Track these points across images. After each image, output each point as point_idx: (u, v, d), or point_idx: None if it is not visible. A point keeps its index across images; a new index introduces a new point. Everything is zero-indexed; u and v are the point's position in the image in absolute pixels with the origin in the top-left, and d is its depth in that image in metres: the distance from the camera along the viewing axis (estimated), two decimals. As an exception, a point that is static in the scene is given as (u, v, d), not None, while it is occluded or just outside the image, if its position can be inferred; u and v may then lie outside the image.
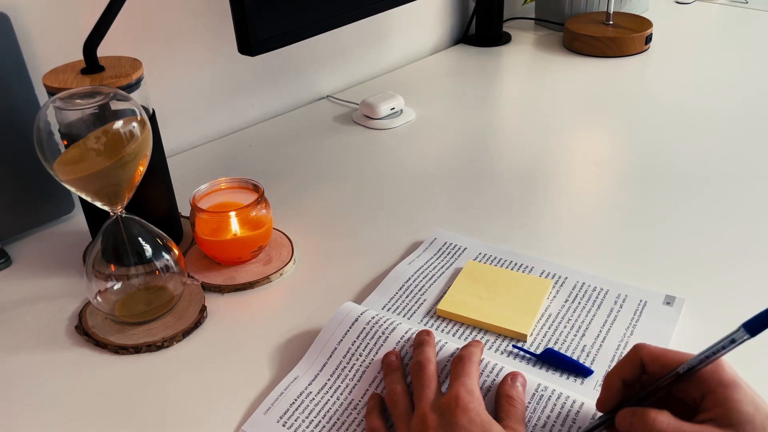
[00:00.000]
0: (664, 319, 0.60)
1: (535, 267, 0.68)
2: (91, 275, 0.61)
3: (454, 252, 0.71)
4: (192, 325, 0.63)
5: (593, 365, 0.56)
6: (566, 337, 0.59)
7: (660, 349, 0.44)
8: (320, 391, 0.55)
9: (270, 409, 0.53)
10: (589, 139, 0.96)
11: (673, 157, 0.88)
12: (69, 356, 0.61)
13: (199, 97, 0.97)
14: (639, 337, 0.59)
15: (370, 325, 0.58)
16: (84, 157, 0.55)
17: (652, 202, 0.79)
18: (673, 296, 0.63)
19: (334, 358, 0.57)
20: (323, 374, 0.56)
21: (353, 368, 0.56)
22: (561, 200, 0.81)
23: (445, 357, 0.54)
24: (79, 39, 0.63)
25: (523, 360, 0.57)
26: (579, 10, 1.34)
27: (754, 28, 1.33)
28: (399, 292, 0.66)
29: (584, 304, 0.63)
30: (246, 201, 0.69)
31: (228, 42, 0.95)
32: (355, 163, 0.91)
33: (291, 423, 0.52)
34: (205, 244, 0.69)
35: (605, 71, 1.16)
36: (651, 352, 0.44)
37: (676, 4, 1.47)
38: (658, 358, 0.43)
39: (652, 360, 0.44)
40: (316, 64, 1.09)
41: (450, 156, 0.92)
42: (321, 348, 0.58)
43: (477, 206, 0.80)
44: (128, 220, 0.61)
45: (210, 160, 0.94)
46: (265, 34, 0.76)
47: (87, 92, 0.56)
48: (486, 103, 1.07)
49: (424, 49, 1.28)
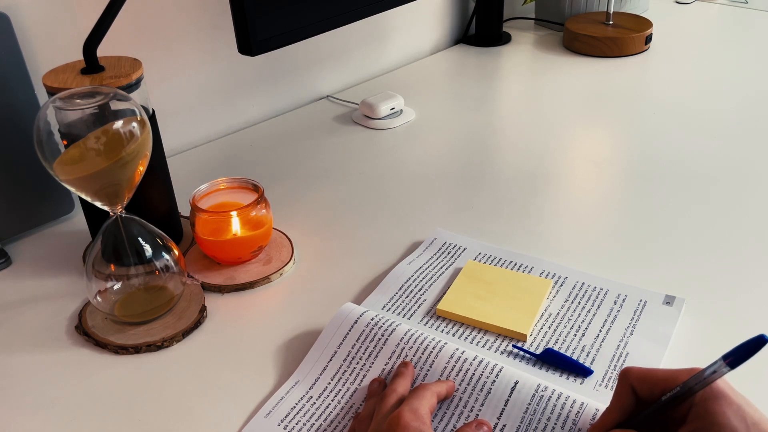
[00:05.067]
0: (664, 318, 0.60)
1: (535, 267, 0.68)
2: (91, 275, 0.61)
3: (453, 252, 0.71)
4: (192, 325, 0.63)
5: (593, 365, 0.56)
6: (566, 337, 0.59)
7: (646, 371, 0.44)
8: (321, 394, 0.55)
9: (271, 412, 0.53)
10: (589, 139, 0.96)
11: (672, 157, 0.88)
12: (69, 356, 0.61)
13: (199, 97, 0.97)
14: (639, 336, 0.59)
15: (369, 327, 0.58)
16: (84, 157, 0.55)
17: (651, 201, 0.79)
18: (673, 296, 0.63)
19: (334, 362, 0.57)
20: (324, 378, 0.56)
21: (354, 372, 0.56)
22: (561, 200, 0.81)
23: (444, 358, 0.54)
24: (79, 39, 0.63)
25: (522, 360, 0.57)
26: (579, 10, 1.34)
27: (754, 28, 1.33)
28: (399, 292, 0.66)
29: (584, 304, 0.63)
30: (246, 201, 0.69)
31: (228, 42, 0.95)
32: (355, 163, 0.91)
33: (292, 426, 0.52)
34: (205, 244, 0.69)
35: (605, 71, 1.16)
36: (637, 375, 0.44)
37: (676, 4, 1.47)
38: (644, 379, 0.43)
39: (639, 382, 0.44)
40: (316, 64, 1.09)
41: (450, 156, 0.92)
42: (321, 351, 0.58)
43: (477, 206, 0.80)
44: (128, 220, 0.61)
45: (210, 160, 0.94)
46: (265, 34, 0.76)
47: (87, 92, 0.56)
48: (486, 103, 1.07)
49: (424, 49, 1.28)
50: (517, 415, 0.49)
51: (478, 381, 0.52)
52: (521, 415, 0.49)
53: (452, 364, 0.53)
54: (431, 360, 0.54)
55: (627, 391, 0.44)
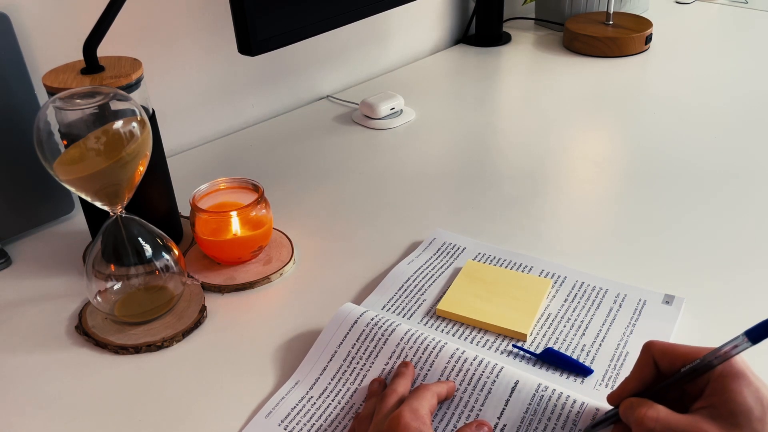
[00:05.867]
0: (663, 318, 0.61)
1: (535, 267, 0.68)
2: (91, 275, 0.62)
3: (453, 252, 0.71)
4: (192, 325, 0.63)
5: (593, 364, 0.56)
6: (566, 337, 0.59)
7: (669, 345, 0.44)
8: (321, 395, 0.55)
9: (271, 413, 0.53)
10: (589, 138, 0.96)
11: (672, 157, 0.88)
12: (69, 356, 0.61)
13: (199, 97, 0.97)
14: (638, 336, 0.59)
15: (369, 327, 0.58)
16: (84, 157, 0.55)
17: (651, 201, 0.79)
18: (672, 295, 0.63)
19: (334, 362, 0.57)
20: (324, 378, 0.56)
21: (354, 371, 0.56)
22: (560, 200, 0.81)
23: (444, 358, 0.54)
24: (79, 39, 0.63)
25: (523, 360, 0.57)
26: (579, 10, 1.34)
27: (754, 28, 1.33)
28: (398, 292, 0.66)
29: (584, 304, 0.63)
30: (246, 201, 0.69)
31: (228, 42, 0.95)
32: (355, 163, 0.91)
33: (292, 427, 0.52)
34: (205, 244, 0.69)
35: (605, 71, 1.16)
36: (660, 348, 0.44)
37: (676, 4, 1.47)
38: (667, 353, 0.44)
39: (661, 356, 0.44)
40: (316, 64, 1.09)
41: (450, 156, 0.92)
42: (321, 351, 0.58)
43: (476, 206, 0.80)
44: (128, 220, 0.61)
45: (210, 160, 0.94)
46: (265, 34, 0.76)
47: (87, 92, 0.56)
48: (486, 103, 1.07)
49: (424, 49, 1.28)
50: (517, 415, 0.49)
51: (478, 381, 0.52)
52: (521, 415, 0.49)
53: (452, 364, 0.53)
54: (431, 360, 0.54)
55: (649, 362, 0.45)
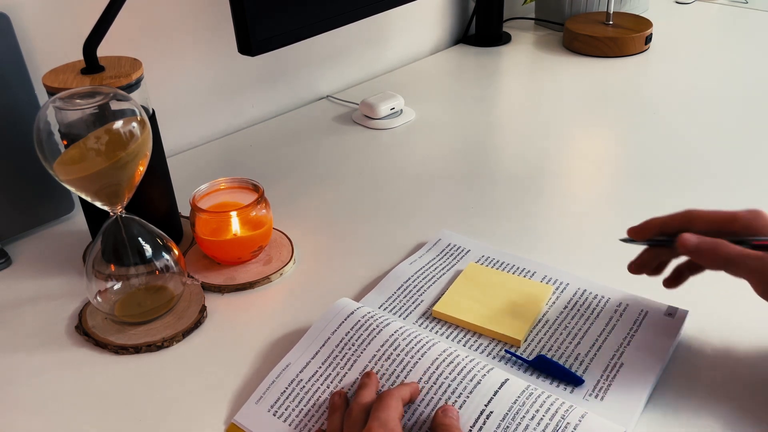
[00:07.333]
0: (663, 330, 0.58)
1: (538, 272, 0.67)
2: (91, 275, 0.62)
3: (457, 254, 0.71)
4: (192, 325, 0.63)
5: (585, 375, 0.55)
6: (561, 344, 0.58)
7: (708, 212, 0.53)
8: (311, 378, 0.55)
9: (261, 398, 0.54)
10: (589, 139, 0.96)
11: (674, 157, 0.88)
12: (69, 356, 0.61)
13: (199, 97, 0.97)
14: (635, 348, 0.57)
15: (365, 318, 0.58)
16: (84, 157, 0.55)
17: (652, 202, 0.79)
18: (676, 308, 0.60)
19: (326, 347, 0.57)
20: (315, 362, 0.56)
21: (345, 357, 0.56)
22: (560, 202, 0.81)
23: (437, 350, 0.54)
24: (79, 39, 0.63)
25: (514, 365, 0.56)
26: (579, 10, 1.34)
27: (754, 28, 1.33)
28: (397, 292, 0.65)
29: (583, 312, 0.61)
30: (246, 201, 0.69)
31: (228, 42, 0.95)
32: (355, 163, 0.91)
33: (281, 412, 0.53)
34: (205, 244, 0.69)
35: (605, 71, 1.16)
36: (700, 215, 0.53)
37: (676, 4, 1.47)
38: (704, 216, 0.53)
39: (699, 218, 0.53)
40: (316, 64, 1.09)
41: (450, 156, 0.92)
42: (315, 336, 0.58)
43: (476, 207, 0.80)
44: (128, 220, 0.61)
45: (210, 160, 0.94)
46: (265, 34, 0.76)
47: (87, 92, 0.56)
48: (486, 103, 1.07)
49: (424, 49, 1.28)
50: (505, 404, 0.49)
51: (468, 372, 0.52)
52: (510, 405, 0.49)
53: (444, 357, 0.53)
54: (424, 350, 0.54)
55: (683, 220, 0.53)
